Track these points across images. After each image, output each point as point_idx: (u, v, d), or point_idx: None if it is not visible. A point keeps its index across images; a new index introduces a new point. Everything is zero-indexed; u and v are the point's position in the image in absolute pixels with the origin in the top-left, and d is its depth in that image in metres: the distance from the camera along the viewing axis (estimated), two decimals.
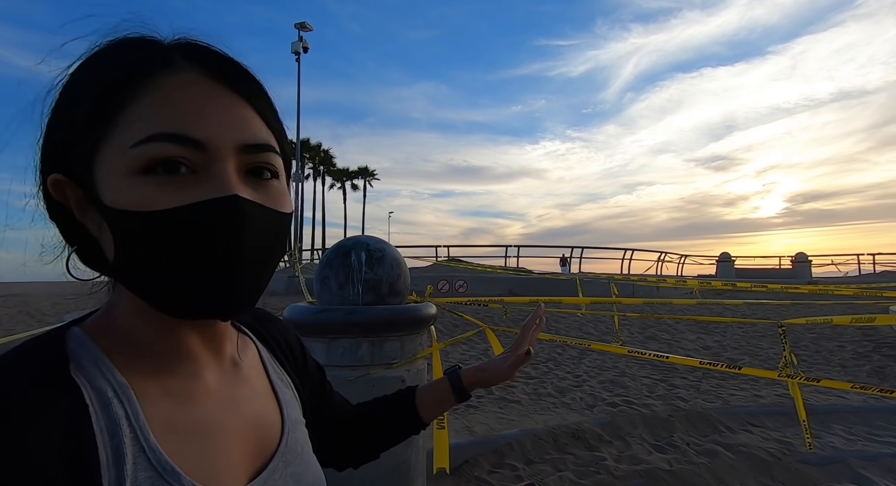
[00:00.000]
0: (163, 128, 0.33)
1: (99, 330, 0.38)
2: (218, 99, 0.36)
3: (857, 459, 3.08)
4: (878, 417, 3.90)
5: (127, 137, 0.34)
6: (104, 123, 0.34)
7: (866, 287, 6.03)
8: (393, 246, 1.94)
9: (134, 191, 0.33)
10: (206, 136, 0.34)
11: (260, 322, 0.55)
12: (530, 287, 12.51)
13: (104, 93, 0.34)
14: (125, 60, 0.36)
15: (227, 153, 0.35)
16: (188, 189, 0.34)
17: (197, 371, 0.40)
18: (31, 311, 11.94)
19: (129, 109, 0.34)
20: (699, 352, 6.17)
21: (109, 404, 0.34)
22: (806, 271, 18.43)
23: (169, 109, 0.34)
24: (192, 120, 0.34)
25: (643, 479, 2.68)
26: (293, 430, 0.47)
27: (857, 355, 5.90)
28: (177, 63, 0.36)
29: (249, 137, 0.36)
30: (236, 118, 0.36)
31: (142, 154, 0.33)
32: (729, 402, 4.06)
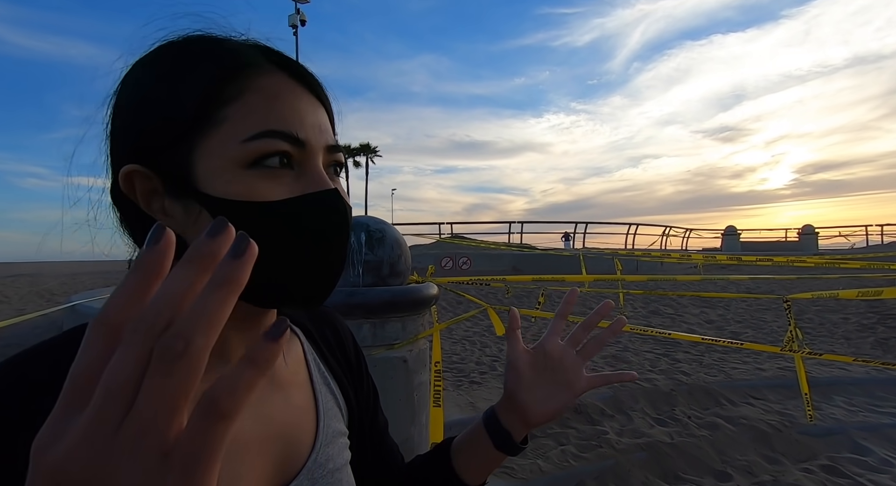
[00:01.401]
0: (274, 125, 0.36)
1: None
2: (308, 102, 0.39)
3: (857, 429, 3.12)
4: (880, 388, 3.93)
5: (235, 131, 0.35)
6: (208, 119, 0.36)
7: (873, 258, 5.97)
8: (393, 227, 1.91)
9: (243, 184, 0.35)
10: (308, 136, 0.37)
11: (314, 319, 0.53)
12: (534, 263, 12.52)
13: (210, 90, 0.36)
14: (224, 59, 0.37)
15: (319, 152, 0.38)
16: (292, 183, 0.37)
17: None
18: (40, 290, 12.15)
19: (233, 105, 0.36)
20: (702, 326, 6.20)
21: None
22: (813, 243, 18.29)
23: (276, 108, 0.36)
24: (296, 120, 0.37)
25: (644, 452, 2.72)
26: (328, 444, 0.44)
27: (862, 327, 5.90)
28: (266, 65, 0.38)
29: (331, 139, 0.40)
30: (322, 121, 0.40)
31: (254, 148, 0.35)
32: (731, 375, 4.09)
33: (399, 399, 1.76)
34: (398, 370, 1.77)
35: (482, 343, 5.19)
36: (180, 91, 0.36)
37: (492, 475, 2.45)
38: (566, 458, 2.65)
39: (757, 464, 2.68)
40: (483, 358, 4.57)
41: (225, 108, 0.36)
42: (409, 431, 1.79)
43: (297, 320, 0.50)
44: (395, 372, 1.76)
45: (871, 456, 2.79)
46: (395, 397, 1.75)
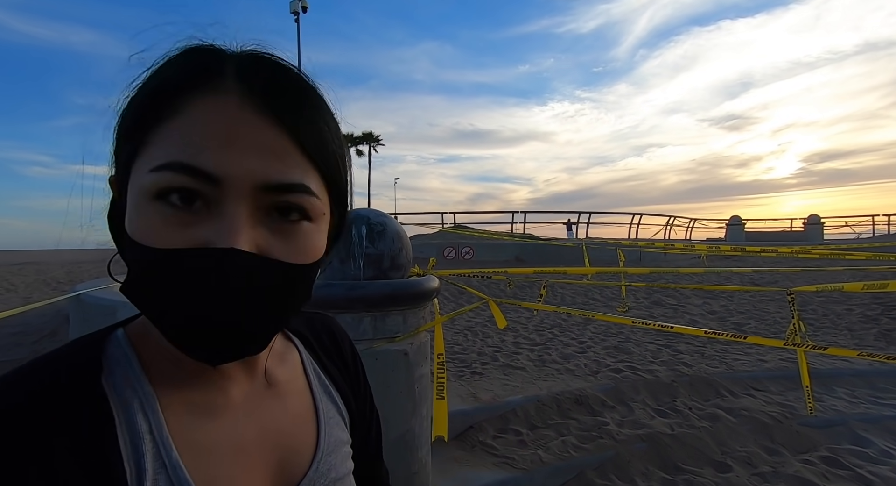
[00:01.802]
0: (179, 156, 0.31)
1: (141, 334, 0.38)
2: (250, 127, 0.32)
3: (858, 421, 3.12)
4: (882, 380, 3.92)
5: (150, 158, 0.32)
6: (139, 138, 0.33)
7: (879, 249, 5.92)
8: (394, 219, 1.89)
9: (144, 219, 0.32)
10: (224, 171, 0.31)
11: (312, 328, 0.51)
12: (537, 253, 12.50)
13: (142, 105, 0.33)
14: (168, 73, 0.34)
15: (244, 192, 0.32)
16: (196, 227, 0.32)
17: (223, 384, 0.39)
18: (46, 279, 12.27)
19: (162, 126, 0.33)
20: (705, 317, 6.19)
21: (134, 415, 0.34)
22: (818, 233, 18.15)
23: (192, 134, 0.32)
24: (212, 151, 0.31)
25: (645, 443, 2.74)
26: (329, 453, 0.43)
27: (866, 318, 5.88)
28: (223, 80, 0.33)
29: (274, 176, 0.33)
30: (266, 152, 0.33)
31: (156, 181, 0.32)
32: (733, 367, 4.09)
33: (400, 392, 1.77)
34: (399, 363, 1.77)
35: (484, 333, 5.20)
36: (131, 108, 0.35)
37: (493, 466, 2.46)
38: (567, 449, 2.67)
39: (757, 455, 2.69)
40: (485, 348, 4.59)
41: (154, 129, 0.33)
42: (409, 423, 1.80)
43: (294, 328, 0.49)
44: (396, 365, 1.76)
45: (872, 448, 2.80)
46: (397, 390, 1.76)
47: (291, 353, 0.46)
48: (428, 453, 1.93)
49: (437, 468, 2.28)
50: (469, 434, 2.81)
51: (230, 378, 0.39)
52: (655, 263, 11.69)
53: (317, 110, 0.35)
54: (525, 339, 4.94)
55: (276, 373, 0.43)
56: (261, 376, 0.42)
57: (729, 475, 2.51)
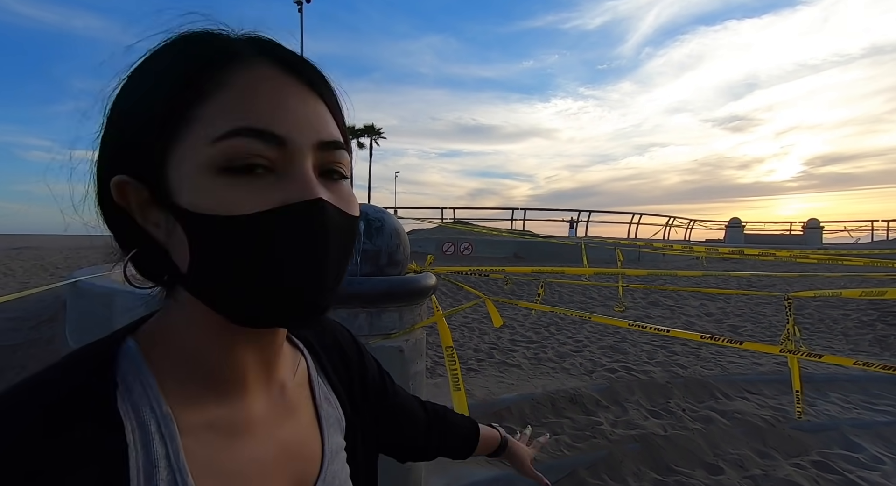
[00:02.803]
0: (245, 122, 0.31)
1: (153, 344, 0.36)
2: (296, 94, 0.34)
3: (850, 426, 3.14)
4: (875, 385, 3.94)
5: (205, 133, 0.32)
6: (179, 120, 0.32)
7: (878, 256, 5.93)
8: (392, 215, 1.88)
9: (213, 192, 0.31)
10: (289, 132, 0.32)
11: (316, 332, 0.51)
12: (535, 251, 12.50)
13: (179, 88, 0.33)
14: (197, 54, 0.34)
15: (306, 151, 0.33)
16: (269, 190, 0.32)
17: (244, 398, 0.38)
18: (44, 264, 12.25)
19: (205, 104, 0.32)
20: (701, 319, 6.20)
21: (151, 441, 0.32)
22: (817, 237, 18.19)
23: (249, 103, 0.32)
24: (273, 115, 0.32)
25: (638, 443, 2.75)
26: (332, 461, 0.44)
27: (861, 323, 5.90)
28: (249, 57, 0.34)
29: (326, 134, 0.35)
30: (313, 114, 0.34)
31: (223, 150, 0.31)
32: (728, 369, 4.11)
33: None
34: (394, 360, 1.77)
35: (480, 330, 5.21)
36: (152, 92, 0.33)
37: (486, 463, 2.46)
38: (560, 447, 2.69)
39: (748, 458, 2.70)
40: (481, 345, 4.59)
41: (197, 107, 0.32)
42: None
43: (300, 334, 0.49)
44: (391, 362, 1.76)
45: (863, 453, 2.81)
46: None
47: (299, 358, 0.46)
48: None
49: (428, 464, 2.29)
50: None
51: (251, 392, 0.38)
52: (654, 263, 11.70)
53: (328, 79, 0.37)
54: (521, 337, 4.95)
55: (287, 382, 0.43)
56: (276, 386, 0.41)
57: (720, 477, 2.52)
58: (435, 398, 0.73)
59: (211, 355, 0.36)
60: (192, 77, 0.33)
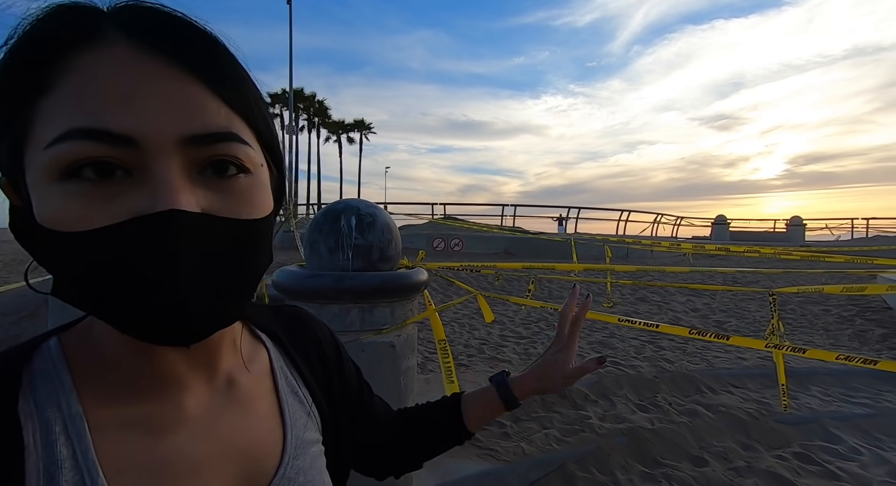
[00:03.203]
0: (79, 122, 0.27)
1: (78, 342, 0.35)
2: (155, 79, 0.28)
3: (830, 419, 3.22)
4: (854, 379, 4.05)
5: (44, 134, 0.27)
6: (22, 116, 0.28)
7: (858, 253, 6.08)
8: (384, 211, 1.87)
9: (55, 203, 0.27)
10: (137, 129, 0.27)
11: (285, 324, 0.48)
12: (526, 247, 12.56)
13: (16, 78, 0.28)
14: (40, 35, 0.28)
15: (167, 149, 0.28)
16: (121, 198, 0.27)
17: (175, 394, 0.36)
18: (24, 258, 11.93)
19: (47, 97, 0.28)
20: (688, 314, 6.30)
21: (55, 441, 0.30)
22: (800, 234, 18.57)
23: (89, 96, 0.27)
24: (117, 109, 0.27)
25: (625, 437, 2.79)
26: (297, 456, 0.41)
27: (841, 318, 6.05)
28: (105, 34, 0.28)
29: (197, 127, 0.29)
30: (180, 102, 0.28)
31: (57, 156, 0.27)
32: (713, 364, 4.18)
33: (386, 384, 1.77)
34: (386, 355, 1.77)
35: (471, 326, 5.23)
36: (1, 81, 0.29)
37: (476, 457, 2.47)
38: (549, 441, 2.71)
39: (733, 450, 2.76)
40: (471, 341, 4.61)
41: (40, 101, 0.28)
42: None
43: (266, 326, 0.47)
44: (382, 357, 1.76)
45: (842, 445, 2.90)
46: (383, 382, 1.76)
47: (259, 352, 0.44)
48: None
49: None
50: None
51: (185, 388, 0.36)
52: (642, 260, 11.85)
53: (222, 53, 0.31)
54: (511, 332, 4.98)
55: (239, 375, 0.40)
56: (222, 380, 0.39)
57: (705, 469, 2.57)
58: (426, 394, 0.69)
59: (130, 355, 0.34)
60: (36, 64, 0.28)
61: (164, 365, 0.35)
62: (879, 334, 5.32)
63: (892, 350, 4.81)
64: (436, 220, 15.31)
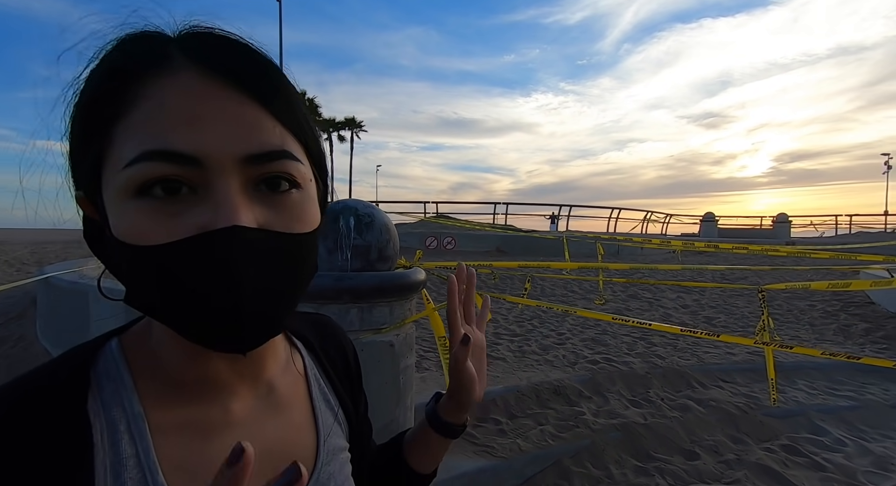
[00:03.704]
0: (151, 144, 0.29)
1: (135, 344, 0.37)
2: (216, 101, 0.31)
3: (816, 411, 3.31)
4: (839, 372, 4.16)
5: (120, 155, 0.30)
6: (101, 139, 0.31)
7: (841, 249, 6.22)
8: (382, 211, 1.88)
9: (129, 219, 0.30)
10: (201, 149, 0.30)
11: (316, 331, 0.50)
12: (518, 245, 12.62)
13: (94, 104, 0.31)
14: (113, 64, 0.32)
15: (228, 167, 0.30)
16: (187, 214, 0.30)
17: (222, 399, 0.38)
18: (9, 259, 11.71)
19: (123, 121, 0.30)
20: (678, 311, 6.40)
21: (120, 440, 0.32)
22: (786, 231, 18.90)
23: (159, 120, 0.30)
24: (183, 132, 0.30)
25: (619, 432, 2.84)
26: (328, 462, 0.43)
27: (826, 314, 6.18)
28: (173, 61, 0.31)
29: (255, 146, 0.31)
30: (240, 123, 0.31)
31: (132, 176, 0.29)
32: (703, 359, 4.26)
33: (385, 382, 1.78)
34: (385, 354, 1.78)
35: None
36: (80, 107, 0.32)
37: (473, 454, 2.49)
38: (545, 438, 2.75)
39: (723, 444, 2.82)
40: None
41: (117, 124, 0.30)
42: (393, 413, 1.82)
43: (300, 332, 0.48)
44: (381, 356, 1.77)
45: (827, 436, 2.98)
46: (382, 381, 1.77)
47: (295, 358, 0.46)
48: None
49: None
50: None
51: (232, 393, 0.38)
52: (632, 257, 11.97)
53: (275, 74, 0.33)
54: (505, 330, 5.01)
55: (278, 381, 0.42)
56: (264, 385, 0.40)
57: (697, 462, 2.63)
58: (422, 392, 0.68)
59: (187, 360, 0.36)
60: (112, 91, 0.31)
61: (214, 370, 0.37)
62: (863, 328, 5.46)
63: (875, 344, 4.94)
64: (428, 218, 15.31)
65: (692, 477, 2.50)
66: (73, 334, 3.77)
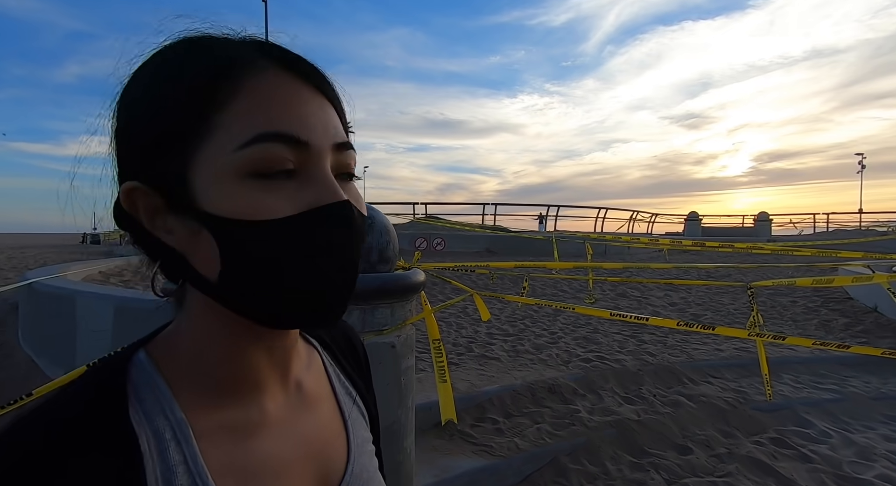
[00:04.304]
0: (269, 128, 0.32)
1: (165, 353, 0.37)
2: (309, 97, 0.35)
3: (801, 405, 3.41)
4: (822, 366, 4.29)
5: (228, 139, 0.32)
6: (200, 127, 0.33)
7: (822, 247, 6.41)
8: (382, 212, 1.89)
9: (242, 198, 0.32)
10: (309, 135, 0.33)
11: (329, 331, 0.51)
12: (507, 245, 12.69)
13: (197, 95, 0.33)
14: (210, 60, 0.34)
15: (326, 153, 0.34)
16: (296, 194, 0.33)
17: (256, 398, 0.38)
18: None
19: (226, 110, 0.33)
20: (666, 309, 6.52)
21: (167, 448, 0.33)
22: (767, 229, 19.38)
23: (271, 108, 0.33)
24: (293, 119, 0.33)
25: (614, 429, 2.89)
26: (360, 455, 0.44)
27: (808, 309, 6.36)
28: (260, 61, 0.35)
29: (339, 136, 0.36)
30: (329, 119, 0.36)
31: (249, 156, 0.32)
32: (693, 356, 4.35)
33: (387, 384, 1.79)
34: (387, 356, 1.79)
35: (458, 324, 5.27)
36: (169, 97, 0.34)
37: (472, 454, 2.50)
38: (541, 436, 2.78)
39: (714, 438, 2.89)
40: (459, 340, 4.65)
41: (219, 113, 0.33)
42: (396, 414, 1.83)
43: (313, 331, 0.49)
44: (383, 357, 1.78)
45: (813, 429, 3.07)
46: (384, 382, 1.78)
47: (314, 357, 0.46)
48: (412, 442, 1.96)
49: (417, 457, 2.32)
50: (448, 424, 2.87)
51: (265, 391, 0.38)
52: (620, 256, 12.14)
53: (334, 83, 0.38)
54: (498, 330, 5.04)
55: (304, 378, 0.43)
56: (292, 384, 0.41)
57: (690, 457, 2.69)
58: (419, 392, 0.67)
59: (224, 360, 0.36)
60: (210, 84, 0.33)
61: (251, 368, 0.37)
62: (842, 323, 5.63)
63: (854, 338, 5.10)
64: (417, 219, 15.30)
65: (686, 472, 2.56)
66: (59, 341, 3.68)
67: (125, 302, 3.08)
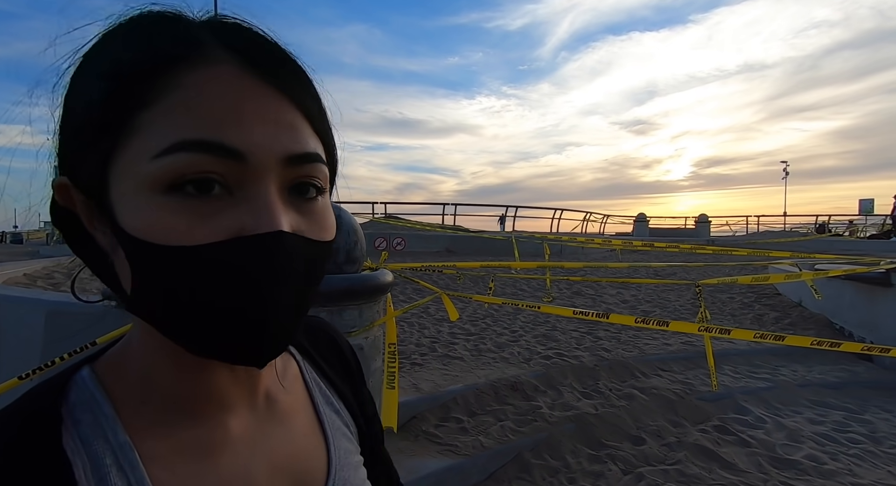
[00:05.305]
0: (192, 134, 0.27)
1: (113, 369, 0.33)
2: (260, 98, 0.29)
3: (740, 394, 3.69)
4: (757, 358, 4.66)
5: (147, 145, 0.27)
6: (119, 127, 0.28)
7: (755, 247, 6.97)
8: (349, 212, 1.85)
9: (155, 215, 0.27)
10: (247, 145, 0.27)
11: (308, 333, 0.47)
12: (467, 245, 12.81)
13: (121, 88, 0.28)
14: (144, 46, 0.28)
15: (269, 167, 0.28)
16: (221, 215, 0.27)
17: (218, 416, 0.35)
18: None
19: (151, 108, 0.27)
20: (618, 306, 6.83)
21: (108, 474, 0.29)
22: (706, 230, 20.80)
23: (200, 110, 0.27)
24: (229, 124, 0.27)
25: (573, 423, 2.99)
26: (342, 468, 0.40)
27: (744, 305, 6.88)
28: (209, 50, 0.29)
29: (297, 147, 0.29)
30: (281, 122, 0.29)
31: (165, 167, 0.27)
32: (644, 350, 4.58)
33: None
34: None
35: (420, 324, 5.26)
36: (92, 90, 0.29)
37: (437, 454, 2.51)
38: (505, 433, 2.83)
39: (665, 428, 3.07)
40: (422, 340, 4.64)
41: (141, 112, 0.27)
42: None
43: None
44: None
45: (750, 415, 3.33)
46: None
47: (290, 365, 0.43)
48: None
49: None
50: (412, 424, 2.85)
51: (227, 408, 0.35)
52: (574, 256, 12.58)
53: (304, 74, 0.32)
54: (461, 329, 5.08)
55: (276, 391, 0.40)
56: (261, 398, 0.38)
57: (643, 447, 2.83)
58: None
59: (180, 377, 0.33)
60: (137, 75, 0.28)
61: (210, 386, 0.34)
62: (773, 317, 6.14)
63: (784, 330, 5.57)
64: (377, 219, 15.12)
65: (640, 461, 2.69)
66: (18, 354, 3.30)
67: (59, 307, 2.82)
